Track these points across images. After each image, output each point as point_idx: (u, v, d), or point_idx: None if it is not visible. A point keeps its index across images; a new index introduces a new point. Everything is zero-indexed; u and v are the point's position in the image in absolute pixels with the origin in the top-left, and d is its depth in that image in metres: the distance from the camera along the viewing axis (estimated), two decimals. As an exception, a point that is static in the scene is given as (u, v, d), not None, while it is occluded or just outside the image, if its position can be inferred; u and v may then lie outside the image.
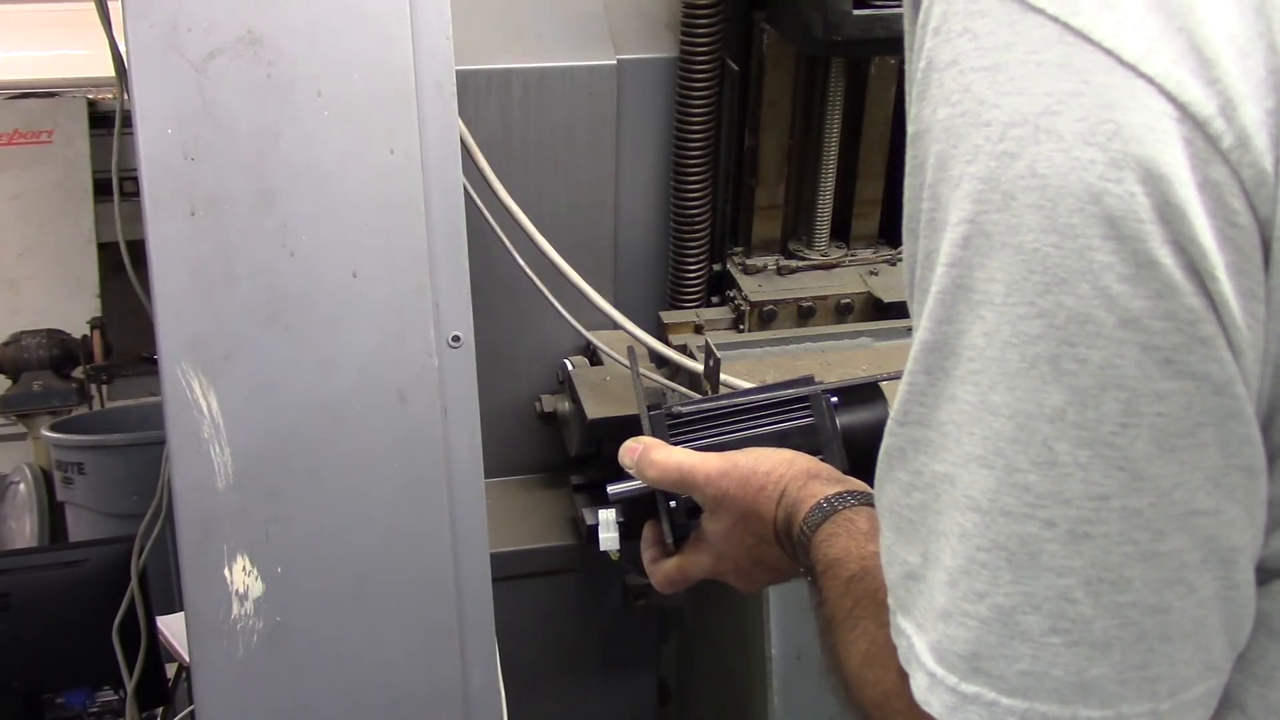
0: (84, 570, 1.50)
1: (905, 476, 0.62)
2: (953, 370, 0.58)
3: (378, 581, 1.18)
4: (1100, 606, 0.56)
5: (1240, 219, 0.52)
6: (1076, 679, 0.56)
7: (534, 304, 1.53)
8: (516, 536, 1.75)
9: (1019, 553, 0.56)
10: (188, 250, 1.10)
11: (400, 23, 1.13)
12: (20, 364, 3.05)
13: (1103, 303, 0.52)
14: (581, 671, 1.90)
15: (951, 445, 0.58)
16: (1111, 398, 0.53)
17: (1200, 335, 0.52)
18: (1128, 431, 0.53)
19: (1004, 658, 0.57)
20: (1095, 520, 0.55)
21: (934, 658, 0.60)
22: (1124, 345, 0.52)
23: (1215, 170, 0.51)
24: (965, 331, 0.57)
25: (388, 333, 1.15)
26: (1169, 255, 0.51)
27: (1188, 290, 0.52)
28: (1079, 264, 0.52)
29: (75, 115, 3.47)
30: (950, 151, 0.56)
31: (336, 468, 1.15)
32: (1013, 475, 0.56)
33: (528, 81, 1.59)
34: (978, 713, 0.58)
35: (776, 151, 1.67)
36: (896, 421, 0.62)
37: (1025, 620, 0.56)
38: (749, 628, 1.51)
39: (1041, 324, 0.54)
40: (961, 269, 0.56)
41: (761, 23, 1.59)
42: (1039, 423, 0.55)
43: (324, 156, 1.12)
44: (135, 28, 1.08)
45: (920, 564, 0.61)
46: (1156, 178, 0.51)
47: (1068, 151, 0.52)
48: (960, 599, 0.58)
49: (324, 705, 1.18)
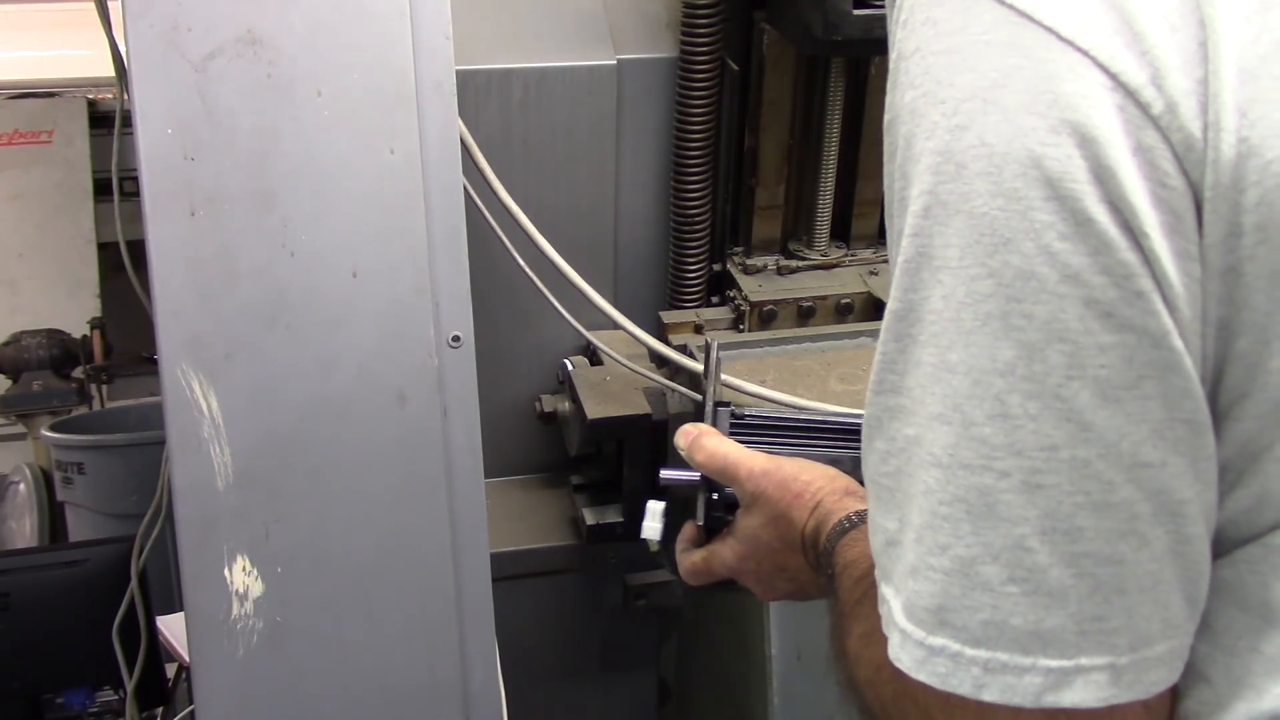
0: (84, 570, 1.50)
1: (882, 445, 0.64)
2: (918, 336, 0.61)
3: (378, 581, 1.18)
4: (1055, 555, 0.58)
5: (1171, 181, 0.55)
6: (1035, 628, 0.59)
7: (534, 304, 1.53)
8: (516, 536, 1.75)
9: (977, 504, 0.59)
10: (188, 250, 1.10)
11: (400, 22, 1.13)
12: (20, 364, 3.05)
13: (1045, 260, 0.55)
14: (581, 671, 1.90)
15: (919, 409, 0.61)
16: (1057, 350, 0.56)
17: (1136, 289, 0.55)
18: (1073, 383, 0.56)
19: (966, 608, 0.60)
20: (1046, 470, 0.57)
21: (904, 615, 0.62)
22: (1066, 300, 0.56)
23: (1147, 135, 0.54)
24: (927, 298, 0.60)
25: (388, 333, 1.15)
26: (1104, 214, 0.55)
27: (1123, 246, 0.55)
28: (1023, 224, 0.56)
29: (75, 115, 3.48)
30: (914, 131, 0.60)
31: (336, 468, 1.15)
32: (969, 429, 0.58)
33: (528, 81, 1.59)
34: (943, 664, 0.61)
35: (776, 151, 1.67)
36: (873, 391, 0.65)
37: (985, 570, 0.59)
38: (749, 628, 1.51)
39: (991, 283, 0.57)
40: (923, 238, 0.60)
41: (761, 23, 1.59)
42: (992, 377, 0.57)
43: (324, 156, 1.12)
44: (135, 28, 1.08)
45: (897, 529, 0.64)
46: (1091, 141, 0.54)
47: (1011, 121, 0.56)
48: (925, 553, 0.61)
49: (324, 705, 1.18)
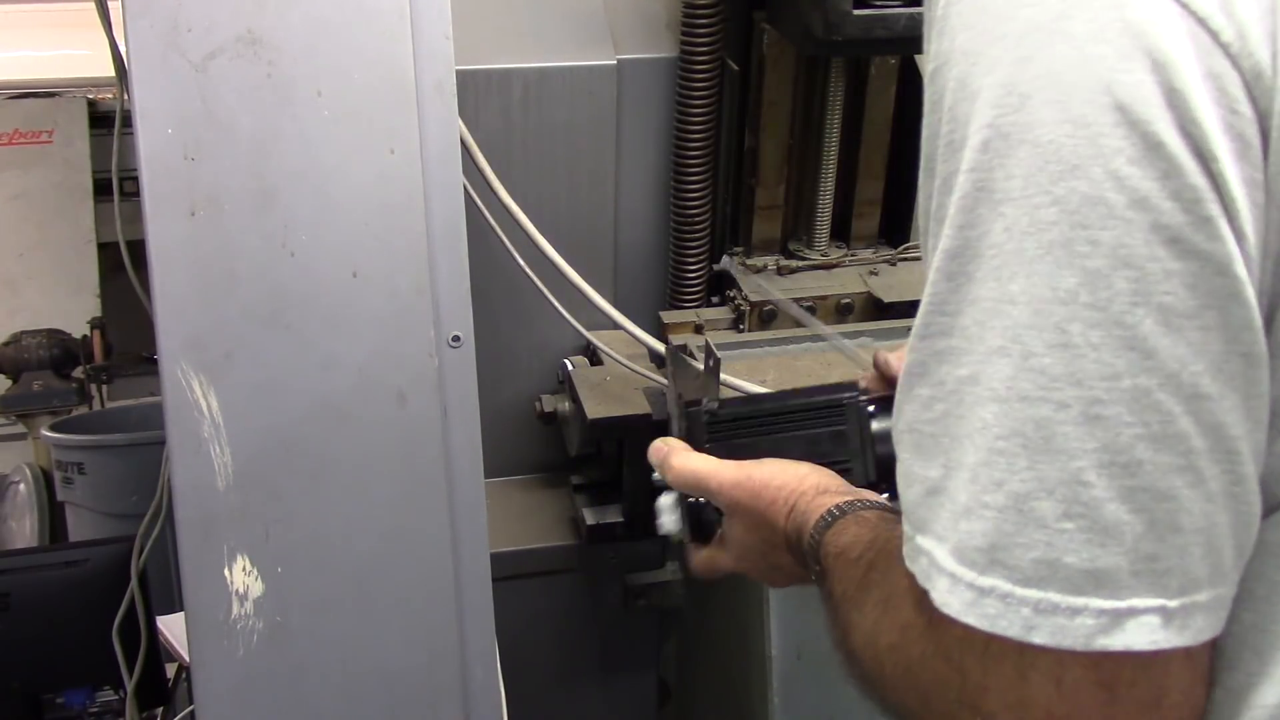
0: (84, 570, 1.50)
1: (927, 391, 0.63)
2: (974, 272, 0.60)
3: (378, 581, 1.18)
4: (1112, 490, 0.57)
5: (1241, 107, 0.55)
6: (1089, 567, 0.58)
7: (534, 304, 1.53)
8: (516, 536, 1.75)
9: (1034, 437, 0.58)
10: (188, 250, 1.10)
11: (400, 23, 1.13)
12: (20, 364, 3.05)
13: (1114, 185, 0.55)
14: (581, 671, 1.90)
15: (975, 346, 0.60)
16: (1122, 277, 0.56)
17: (1204, 214, 0.55)
18: (1137, 310, 0.56)
19: (1019, 546, 0.59)
20: (1107, 401, 0.57)
21: (955, 559, 0.61)
22: (1133, 225, 0.55)
23: (1217, 62, 0.55)
24: (987, 232, 0.59)
25: (388, 333, 1.15)
26: (1175, 137, 0.55)
27: (1193, 170, 0.55)
28: (1091, 150, 0.55)
29: (75, 115, 3.48)
30: (969, 70, 0.60)
31: (336, 468, 1.15)
32: (1029, 360, 0.58)
33: (528, 81, 1.59)
34: (994, 605, 0.60)
35: (776, 151, 1.67)
36: (917, 336, 0.64)
37: (1039, 506, 0.58)
38: (749, 628, 1.51)
39: (1056, 210, 0.56)
40: (982, 172, 0.59)
41: (761, 23, 1.59)
42: (1053, 306, 0.57)
43: (324, 156, 1.12)
44: (135, 28, 1.08)
45: (941, 476, 0.62)
46: (1162, 65, 0.55)
47: (1080, 49, 0.56)
48: (980, 491, 0.60)
49: (324, 705, 1.18)
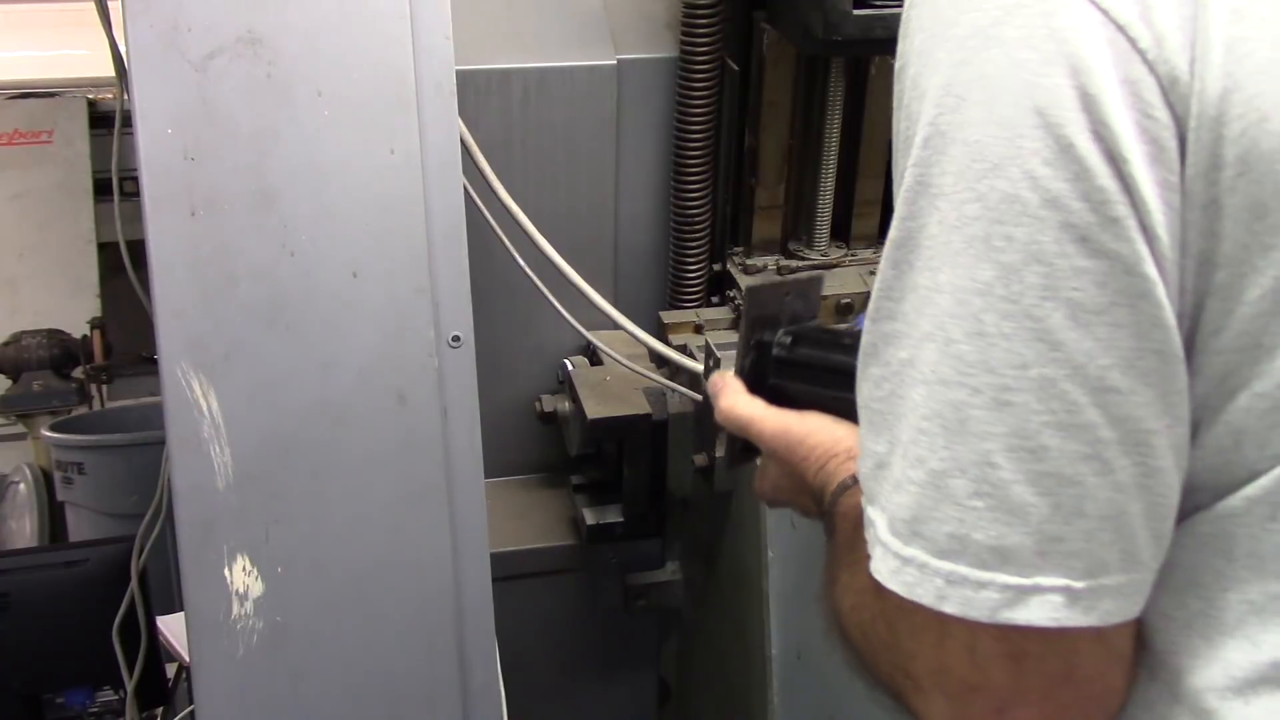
0: (84, 570, 1.50)
1: (877, 370, 0.67)
2: (914, 261, 0.63)
3: (377, 581, 1.18)
4: (1019, 473, 0.60)
5: (1156, 113, 0.57)
6: (996, 544, 0.61)
7: (534, 304, 1.52)
8: (516, 536, 1.75)
9: (951, 419, 0.61)
10: (188, 250, 1.10)
11: (400, 23, 1.13)
12: (20, 364, 3.05)
13: (1029, 184, 0.58)
14: (581, 671, 1.90)
15: (912, 331, 0.63)
16: (1033, 272, 0.59)
17: (1112, 215, 0.58)
18: (1046, 304, 0.59)
19: (935, 520, 0.62)
20: (1015, 388, 0.60)
21: (888, 529, 0.65)
22: (1045, 223, 0.58)
23: (1134, 68, 0.57)
24: (925, 225, 0.63)
25: (388, 333, 1.15)
26: (1087, 140, 0.57)
27: (1102, 173, 0.57)
28: (1011, 150, 0.58)
29: (75, 115, 3.47)
30: (921, 70, 0.63)
31: (336, 468, 1.15)
32: (950, 346, 0.61)
33: (528, 81, 1.59)
34: (912, 574, 0.63)
35: (776, 151, 1.67)
36: (870, 319, 0.67)
37: (953, 484, 0.61)
38: (749, 628, 1.51)
39: (978, 206, 0.60)
40: (923, 168, 0.62)
41: (761, 23, 1.59)
42: (972, 296, 0.60)
43: (324, 156, 1.12)
44: (135, 28, 1.08)
45: (886, 451, 0.66)
46: (1080, 71, 0.57)
47: (1010, 54, 0.59)
48: (907, 467, 0.64)
49: (324, 705, 1.18)
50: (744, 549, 1.49)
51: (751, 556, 1.46)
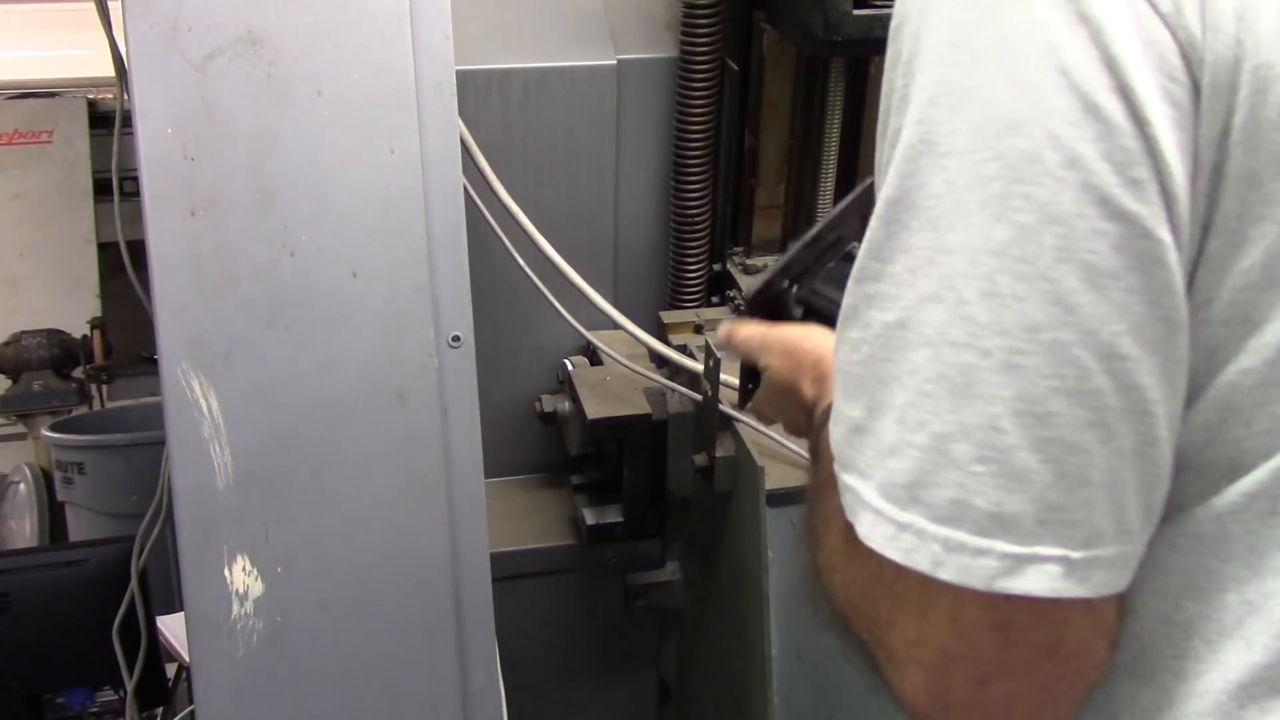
0: (84, 570, 1.50)
1: (855, 334, 0.65)
2: (909, 221, 0.62)
3: (378, 581, 1.18)
4: (1024, 438, 0.59)
5: (1178, 75, 0.57)
6: (996, 510, 0.60)
7: (534, 304, 1.53)
8: (516, 536, 1.75)
9: (958, 381, 0.60)
10: (188, 250, 1.10)
11: (400, 23, 1.13)
12: (20, 364, 3.04)
13: (1050, 144, 0.57)
14: (581, 671, 1.90)
15: (905, 292, 0.62)
16: (1050, 233, 0.58)
17: (1134, 177, 0.57)
18: (1061, 266, 0.58)
19: (936, 485, 0.61)
20: (1026, 351, 0.58)
21: (879, 494, 0.63)
22: (1065, 183, 0.57)
23: (1155, 30, 0.57)
24: (927, 184, 0.61)
25: (388, 333, 1.15)
26: (1113, 100, 0.57)
27: (1127, 133, 0.57)
28: (1033, 110, 0.58)
29: (75, 115, 3.47)
30: (924, 26, 0.62)
31: (336, 468, 1.15)
32: (961, 308, 0.60)
33: (528, 81, 1.59)
34: (910, 540, 0.62)
35: (776, 151, 1.67)
36: (853, 280, 0.66)
37: (956, 448, 0.60)
38: (749, 628, 1.51)
39: (997, 165, 0.58)
40: (929, 125, 0.61)
41: (761, 23, 1.59)
42: (985, 256, 0.59)
43: (324, 156, 1.12)
44: (135, 28, 1.08)
45: (864, 416, 0.65)
46: (1103, 31, 0.57)
47: (1030, 13, 0.58)
48: (906, 431, 0.62)
49: (324, 705, 1.18)
50: (744, 549, 1.49)
51: (751, 556, 1.45)
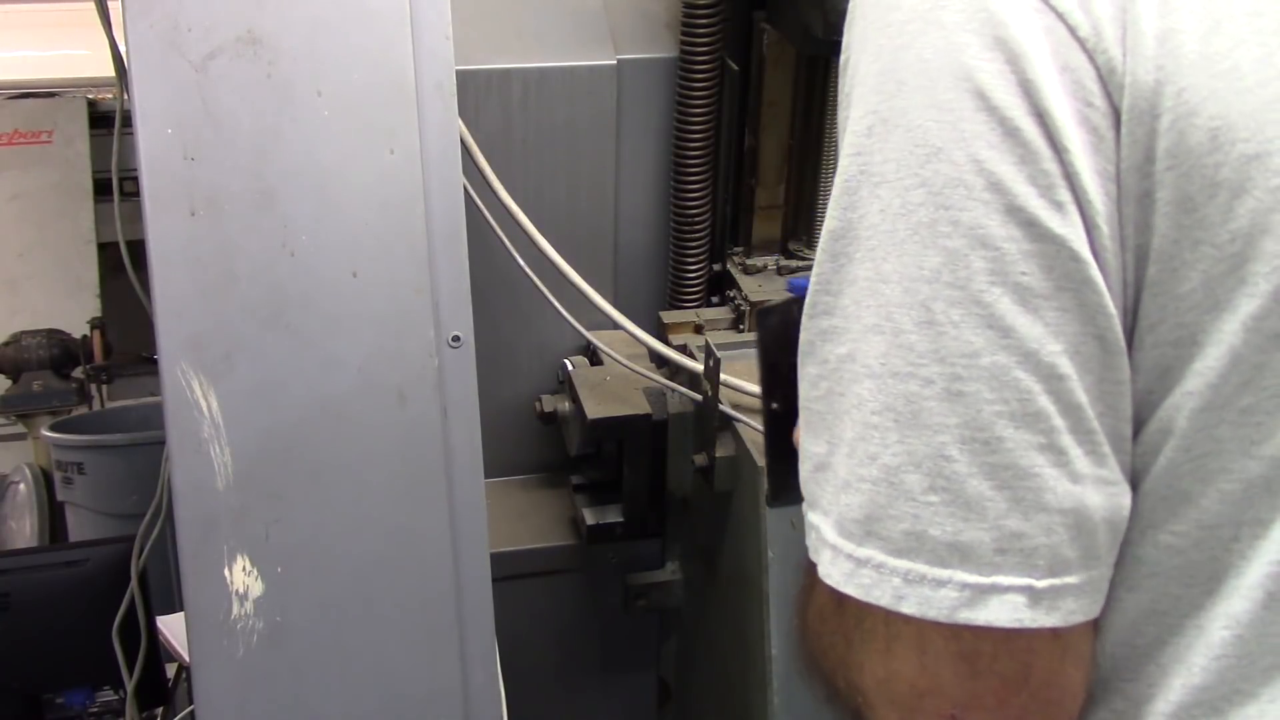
0: (84, 570, 1.50)
1: (814, 369, 0.65)
2: (854, 253, 0.62)
3: (378, 581, 1.18)
4: (974, 465, 0.58)
5: (1096, 101, 0.57)
6: (953, 540, 0.59)
7: (534, 304, 1.53)
8: (516, 536, 1.75)
9: (904, 411, 0.60)
10: (188, 250, 1.10)
11: (400, 23, 1.13)
12: (20, 364, 3.05)
13: (973, 168, 0.57)
14: (581, 671, 1.90)
15: (853, 324, 0.62)
16: (980, 256, 0.58)
17: (1057, 200, 0.57)
18: (994, 289, 0.58)
19: (891, 518, 0.60)
20: (967, 378, 0.58)
21: (835, 531, 0.63)
22: (991, 207, 0.57)
23: (1073, 56, 0.57)
24: (865, 214, 0.61)
25: (388, 333, 1.15)
26: (1031, 124, 0.57)
27: (1047, 156, 0.57)
28: (954, 134, 0.58)
29: (75, 115, 3.47)
30: (860, 57, 0.63)
31: (336, 468, 1.15)
32: (899, 337, 0.60)
33: (528, 81, 1.59)
34: (869, 575, 0.61)
35: (776, 151, 1.67)
36: (807, 316, 0.65)
37: (908, 479, 0.60)
38: (749, 628, 1.51)
39: (923, 192, 0.58)
40: (864, 156, 0.61)
41: (761, 23, 1.59)
42: (919, 284, 0.59)
43: (324, 156, 1.12)
44: (135, 28, 1.08)
45: (826, 451, 0.64)
46: (1020, 56, 0.57)
47: (949, 38, 0.58)
48: (856, 465, 0.61)
49: (324, 705, 1.18)
50: (744, 549, 1.49)
51: (751, 556, 1.45)
